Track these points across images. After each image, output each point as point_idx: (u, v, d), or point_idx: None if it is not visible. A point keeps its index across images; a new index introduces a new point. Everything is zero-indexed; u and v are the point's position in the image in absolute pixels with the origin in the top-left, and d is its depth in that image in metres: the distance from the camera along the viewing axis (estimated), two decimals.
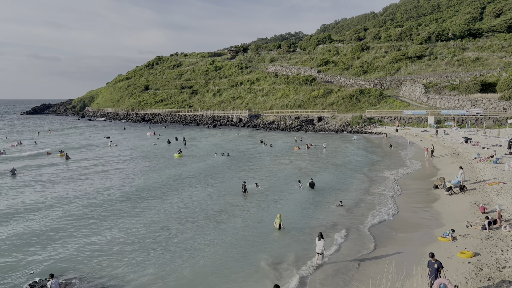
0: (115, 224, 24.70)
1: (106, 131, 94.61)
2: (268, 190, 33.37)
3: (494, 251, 17.81)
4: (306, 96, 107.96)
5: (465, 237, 20.05)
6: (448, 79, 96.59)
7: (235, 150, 58.50)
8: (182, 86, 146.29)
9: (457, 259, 17.52)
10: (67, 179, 38.58)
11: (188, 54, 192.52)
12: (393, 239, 21.59)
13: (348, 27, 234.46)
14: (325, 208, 28.02)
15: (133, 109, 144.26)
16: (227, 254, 19.96)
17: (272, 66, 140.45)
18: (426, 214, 25.66)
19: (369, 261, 18.96)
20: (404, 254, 19.20)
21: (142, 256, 19.83)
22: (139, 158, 51.36)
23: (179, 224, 24.61)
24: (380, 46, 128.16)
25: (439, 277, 14.74)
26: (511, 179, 30.55)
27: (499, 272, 15.64)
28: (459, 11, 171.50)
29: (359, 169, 42.47)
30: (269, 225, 24.17)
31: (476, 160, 39.88)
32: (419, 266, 16.98)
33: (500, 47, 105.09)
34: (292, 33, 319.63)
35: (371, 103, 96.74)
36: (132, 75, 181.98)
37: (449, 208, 26.05)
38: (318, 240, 18.84)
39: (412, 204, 28.32)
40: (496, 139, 55.73)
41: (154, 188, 34.25)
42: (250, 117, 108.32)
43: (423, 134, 69.42)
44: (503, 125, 69.48)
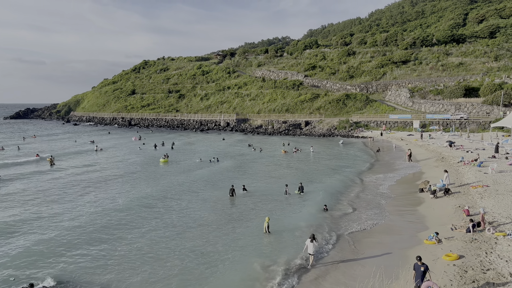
0: (103, 235, 24.33)
1: (92, 136, 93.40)
2: (255, 194, 33.29)
3: (478, 253, 18.02)
4: (293, 100, 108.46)
5: (450, 240, 20.27)
6: (433, 84, 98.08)
7: (223, 154, 58.32)
8: (169, 90, 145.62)
9: (443, 261, 17.68)
10: (51, 190, 37.56)
11: (175, 58, 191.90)
12: (378, 242, 21.69)
13: (334, 32, 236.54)
14: (312, 211, 28.05)
15: (119, 113, 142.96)
16: (216, 259, 19.80)
17: (260, 71, 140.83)
18: (412, 217, 25.88)
19: (355, 264, 19.00)
20: (390, 257, 19.30)
21: (128, 262, 19.53)
22: (125, 165, 50.68)
23: (165, 229, 24.34)
24: (366, 51, 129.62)
25: (425, 280, 14.84)
26: (494, 182, 31.06)
27: (483, 274, 15.83)
28: (443, 17, 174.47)
29: (346, 173, 42.69)
30: (257, 229, 24.08)
31: (460, 164, 40.46)
32: (405, 269, 17.09)
33: (482, 53, 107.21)
34: (279, 38, 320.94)
35: (358, 108, 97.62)
36: (119, 79, 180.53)
37: (434, 211, 26.33)
38: (310, 241, 18.99)
39: (398, 207, 28.55)
40: (479, 142, 56.68)
41: (140, 197, 33.84)
42: (238, 121, 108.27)
43: (409, 138, 70.24)
44: (486, 129, 70.74)
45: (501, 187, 29.31)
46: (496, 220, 22.07)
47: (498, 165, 36.50)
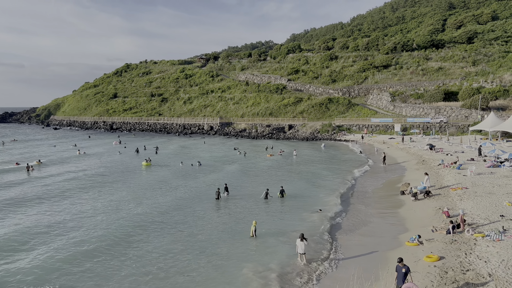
0: (84, 234, 23.85)
1: (72, 140, 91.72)
2: (241, 197, 33.18)
3: (458, 254, 18.33)
4: (277, 104, 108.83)
5: (430, 242, 20.56)
6: (413, 88, 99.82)
7: (207, 158, 58.03)
8: (151, 93, 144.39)
9: (424, 263, 17.92)
10: (32, 198, 36.68)
11: (158, 61, 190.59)
12: (360, 245, 21.85)
13: (317, 37, 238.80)
14: (295, 215, 28.09)
15: (100, 117, 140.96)
16: (203, 264, 19.61)
17: (243, 75, 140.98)
18: (393, 219, 26.18)
19: (337, 266, 19.08)
20: (371, 259, 19.45)
21: (107, 267, 19.18)
22: (105, 170, 49.85)
23: (147, 235, 24.01)
24: (348, 55, 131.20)
25: (406, 281, 15.00)
26: (473, 184, 31.71)
27: (463, 275, 16.09)
28: (423, 22, 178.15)
29: (327, 176, 42.96)
30: (244, 232, 23.98)
31: (440, 166, 41.19)
32: (386, 271, 17.25)
33: (461, 58, 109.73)
34: (263, 42, 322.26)
35: (340, 111, 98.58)
36: (100, 83, 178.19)
37: (415, 213, 26.70)
38: (300, 240, 19.29)
39: (380, 209, 28.84)
40: (459, 145, 57.86)
41: (121, 199, 33.37)
42: (222, 125, 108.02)
43: (390, 141, 71.20)
44: (465, 132, 72.28)
45: (480, 189, 29.94)
46: (475, 221, 22.51)
47: (476, 167, 37.30)
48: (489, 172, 36.31)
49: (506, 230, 20.40)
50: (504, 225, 21.11)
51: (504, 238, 19.37)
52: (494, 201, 26.31)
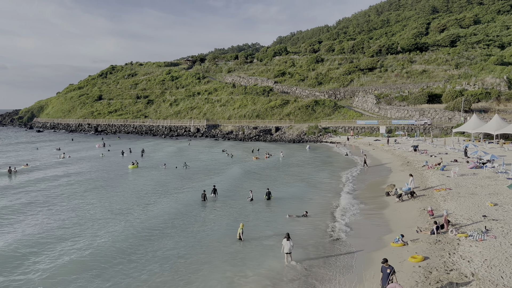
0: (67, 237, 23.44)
1: (55, 143, 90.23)
2: (227, 200, 33.06)
3: (442, 254, 18.56)
4: (263, 106, 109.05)
5: (415, 242, 20.79)
6: (398, 91, 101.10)
7: (193, 160, 57.72)
8: (137, 96, 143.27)
9: (408, 263, 18.09)
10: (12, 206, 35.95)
11: (144, 63, 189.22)
12: (346, 246, 21.96)
13: (303, 39, 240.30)
14: (280, 217, 28.13)
15: (85, 119, 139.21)
16: (185, 267, 19.45)
17: (230, 77, 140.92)
18: (379, 220, 26.39)
19: (322, 267, 19.12)
20: (356, 260, 19.58)
21: (93, 270, 18.89)
22: (92, 174, 49.14)
23: (135, 239, 23.72)
24: (334, 58, 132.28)
25: (391, 282, 15.12)
26: (457, 185, 32.21)
27: (447, 274, 16.29)
28: (407, 26, 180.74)
29: (313, 178, 43.16)
30: (231, 235, 23.88)
31: (424, 168, 41.76)
32: (371, 272, 17.37)
33: (444, 61, 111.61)
34: (249, 44, 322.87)
35: (326, 114, 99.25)
36: (85, 85, 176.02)
37: (400, 214, 26.97)
38: (286, 240, 19.39)
39: (365, 211, 29.05)
40: (442, 147, 58.75)
41: (106, 204, 32.96)
42: (208, 127, 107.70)
43: (376, 143, 71.93)
44: (449, 134, 73.47)
45: (463, 189, 30.43)
46: (459, 222, 22.85)
47: (460, 168, 37.92)
48: (472, 173, 36.95)
49: (489, 230, 20.75)
50: (487, 225, 21.47)
51: (487, 238, 19.70)
52: (476, 201, 26.75)
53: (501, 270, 16.13)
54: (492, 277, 15.59)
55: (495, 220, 22.42)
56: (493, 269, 16.33)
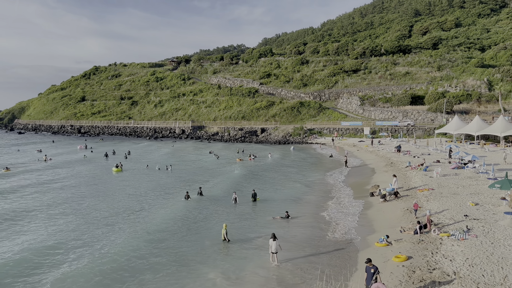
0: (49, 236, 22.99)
1: (36, 144, 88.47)
2: (212, 201, 32.90)
3: (425, 253, 18.82)
4: (249, 108, 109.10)
5: (399, 242, 21.02)
6: (382, 92, 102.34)
7: (179, 162, 57.33)
8: (121, 97, 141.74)
9: (392, 263, 18.28)
10: None
11: (128, 64, 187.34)
12: (330, 246, 22.06)
13: (288, 41, 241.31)
14: (266, 218, 28.13)
15: (68, 121, 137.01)
16: (172, 270, 19.26)
17: (215, 78, 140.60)
18: (363, 221, 26.62)
19: (307, 267, 19.15)
20: (341, 260, 19.69)
21: (73, 275, 18.56)
22: (75, 178, 48.35)
23: (119, 239, 23.40)
24: (319, 60, 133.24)
25: (373, 281, 15.24)
26: (439, 185, 32.73)
27: (429, 273, 16.52)
28: (390, 28, 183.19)
29: (299, 178, 43.32)
30: (214, 237, 23.76)
31: (408, 168, 42.31)
32: (355, 272, 17.50)
33: (427, 63, 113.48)
34: (235, 46, 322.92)
35: (311, 115, 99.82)
36: (67, 86, 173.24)
37: (384, 214, 27.26)
38: (273, 240, 19.49)
39: (349, 210, 29.24)
40: (425, 148, 59.65)
41: (92, 209, 32.48)
42: (194, 128, 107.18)
43: (360, 144, 72.63)
44: (431, 135, 74.64)
45: (445, 190, 30.94)
46: (441, 221, 23.21)
47: (442, 169, 38.55)
48: (453, 173, 37.61)
49: (470, 229, 21.13)
50: (468, 225, 21.85)
51: (468, 237, 20.05)
52: (458, 201, 27.23)
53: (482, 269, 16.43)
54: (474, 276, 15.87)
55: (476, 220, 22.84)
56: (475, 267, 16.62)
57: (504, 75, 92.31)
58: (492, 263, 16.91)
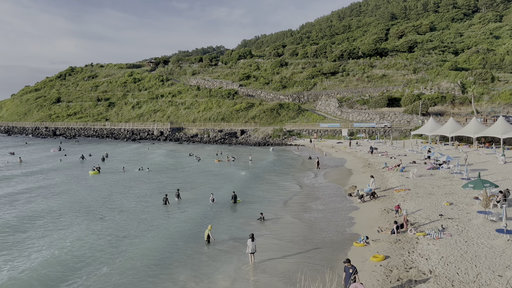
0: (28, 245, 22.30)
1: (9, 148, 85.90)
2: (191, 203, 32.63)
3: (402, 253, 19.15)
4: (229, 109, 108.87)
5: (377, 242, 21.33)
6: (359, 94, 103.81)
7: (157, 164, 56.65)
8: (98, 98, 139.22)
9: (370, 263, 18.53)
10: None
11: (105, 65, 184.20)
12: (308, 246, 22.15)
13: (267, 43, 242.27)
14: (246, 220, 28.08)
15: (42, 122, 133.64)
16: (155, 274, 18.99)
17: (194, 79, 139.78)
18: (341, 221, 26.88)
19: (284, 268, 19.19)
20: (320, 261, 19.81)
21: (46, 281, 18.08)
22: (51, 182, 47.20)
23: (96, 243, 22.92)
24: (298, 62, 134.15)
25: (351, 281, 15.40)
26: (415, 185, 33.40)
27: (406, 272, 16.81)
28: (367, 31, 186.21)
29: (277, 180, 43.45)
30: (197, 238, 23.56)
31: (385, 169, 43.02)
32: (334, 272, 17.64)
33: (403, 65, 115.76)
34: (214, 47, 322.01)
35: (291, 117, 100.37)
36: (42, 87, 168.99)
37: (362, 215, 27.62)
38: (251, 241, 19.59)
39: (328, 211, 29.48)
40: (402, 149, 60.79)
41: (69, 209, 31.73)
42: (172, 130, 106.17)
43: (338, 145, 73.46)
44: (408, 136, 76.14)
45: (421, 190, 31.60)
46: (417, 221, 23.68)
47: (418, 170, 39.35)
48: (429, 174, 38.45)
49: (445, 229, 21.63)
50: (443, 224, 22.37)
51: (443, 236, 20.52)
52: (434, 201, 27.85)
53: (457, 267, 16.84)
54: (448, 274, 16.24)
55: (451, 219, 23.41)
56: (449, 265, 17.01)
57: (477, 78, 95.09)
58: (466, 261, 17.34)
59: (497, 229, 20.63)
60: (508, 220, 21.72)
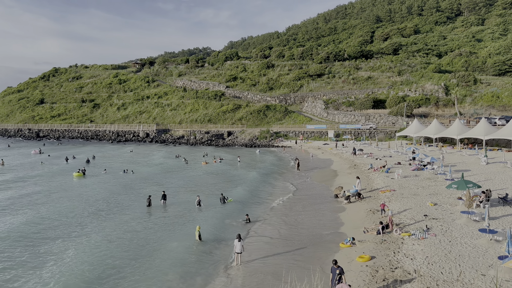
0: None
1: None
2: (177, 205, 32.40)
3: (388, 253, 19.35)
4: (215, 111, 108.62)
5: (363, 242, 21.51)
6: (345, 96, 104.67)
7: (143, 166, 56.12)
8: (82, 99, 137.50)
9: (356, 263, 18.67)
10: None
11: (90, 66, 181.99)
12: (295, 246, 22.22)
13: (254, 45, 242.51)
14: (233, 222, 28.03)
15: (25, 124, 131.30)
16: (134, 273, 18.80)
17: (181, 81, 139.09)
18: (328, 222, 27.04)
19: (271, 269, 19.21)
20: (306, 261, 19.87)
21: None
22: (34, 184, 46.37)
23: (84, 246, 22.60)
24: (284, 64, 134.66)
25: (340, 282, 15.50)
26: (400, 186, 33.80)
27: (392, 272, 16.99)
28: (353, 34, 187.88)
29: (266, 181, 43.46)
30: (179, 240, 23.41)
31: (370, 170, 43.42)
32: (321, 272, 17.71)
33: (388, 68, 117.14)
34: (200, 48, 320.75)
35: (277, 118, 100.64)
36: (25, 88, 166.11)
37: (348, 216, 27.83)
38: (238, 241, 19.75)
39: (314, 212, 29.60)
40: (387, 150, 61.45)
41: (55, 214, 31.20)
42: (158, 132, 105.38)
43: (325, 147, 73.89)
44: (393, 137, 77.02)
45: (406, 191, 31.99)
46: (402, 221, 23.96)
47: (403, 171, 39.82)
48: (414, 175, 38.95)
49: (429, 229, 21.93)
50: (428, 224, 22.68)
51: (428, 236, 20.80)
52: (418, 201, 28.22)
53: (441, 266, 17.08)
54: (433, 273, 16.46)
55: (435, 219, 23.75)
56: (434, 265, 17.25)
57: (460, 80, 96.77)
58: (450, 260, 17.61)
59: (480, 228, 21.00)
60: (491, 220, 22.14)
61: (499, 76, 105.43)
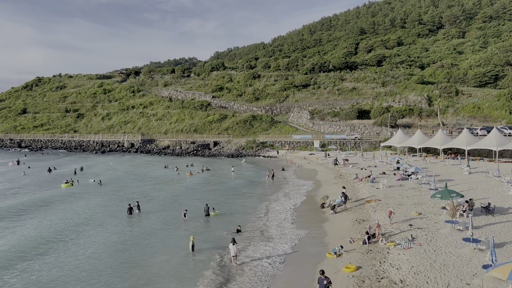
0: None
1: None
2: (164, 216, 32.01)
3: (374, 263, 19.39)
4: (201, 121, 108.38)
5: (349, 252, 21.54)
6: (330, 107, 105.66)
7: (131, 177, 55.43)
8: (66, 109, 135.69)
9: (343, 273, 18.66)
10: None
11: (74, 75, 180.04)
12: (282, 257, 22.10)
13: (240, 55, 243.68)
14: (219, 233, 27.80)
15: (7, 134, 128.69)
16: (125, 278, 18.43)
17: (166, 91, 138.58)
18: (315, 232, 27.02)
19: (259, 280, 19.09)
20: (293, 271, 19.78)
21: None
22: (20, 196, 45.41)
23: (71, 258, 22.08)
24: (270, 74, 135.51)
25: None
26: (385, 196, 34.07)
27: (378, 282, 17.02)
28: (338, 45, 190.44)
29: (250, 192, 43.31)
30: (166, 251, 23.08)
31: (356, 180, 43.72)
32: (308, 283, 17.65)
33: (372, 79, 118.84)
34: (186, 59, 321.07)
35: (263, 128, 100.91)
36: (7, 97, 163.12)
37: (335, 226, 27.87)
38: (232, 244, 20.77)
39: (300, 222, 29.54)
40: (372, 160, 62.03)
41: (39, 223, 30.51)
42: (143, 142, 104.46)
43: (310, 157, 74.21)
44: (377, 148, 77.87)
45: (391, 200, 32.25)
46: (388, 231, 24.10)
47: (387, 180, 40.20)
48: (398, 184, 39.34)
49: (415, 238, 22.10)
50: (413, 234, 22.86)
51: (413, 246, 20.95)
52: (403, 211, 28.45)
53: (426, 276, 17.19)
54: (419, 283, 16.54)
55: (420, 229, 23.96)
56: (419, 275, 17.34)
57: (442, 92, 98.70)
58: (435, 270, 17.73)
59: (463, 237, 21.24)
60: (474, 229, 22.44)
61: (479, 87, 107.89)
